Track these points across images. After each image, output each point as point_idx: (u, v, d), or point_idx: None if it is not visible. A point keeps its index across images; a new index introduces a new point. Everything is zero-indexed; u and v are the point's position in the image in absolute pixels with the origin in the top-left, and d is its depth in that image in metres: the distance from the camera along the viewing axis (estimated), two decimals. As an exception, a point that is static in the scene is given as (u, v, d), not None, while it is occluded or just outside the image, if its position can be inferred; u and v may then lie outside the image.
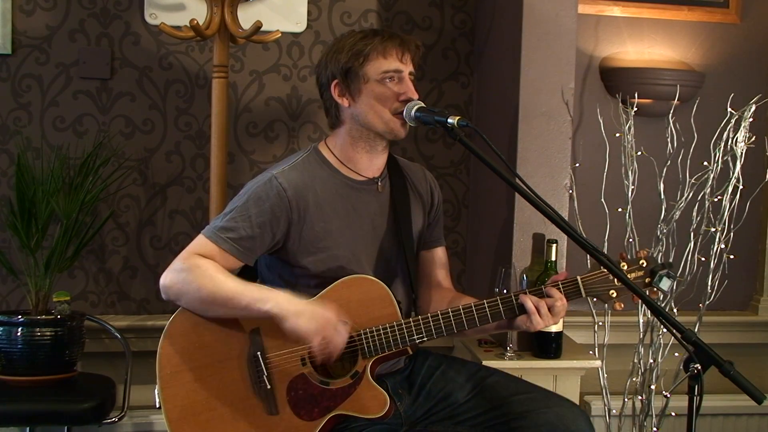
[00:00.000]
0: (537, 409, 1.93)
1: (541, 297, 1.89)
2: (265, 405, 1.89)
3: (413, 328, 1.91)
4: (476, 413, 1.99)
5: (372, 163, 2.04)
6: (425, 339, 1.91)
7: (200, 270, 1.87)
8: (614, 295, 1.89)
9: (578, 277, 1.91)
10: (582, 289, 1.90)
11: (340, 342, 1.84)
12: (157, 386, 1.91)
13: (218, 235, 1.91)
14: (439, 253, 2.21)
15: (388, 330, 1.90)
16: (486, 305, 1.91)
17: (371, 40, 1.95)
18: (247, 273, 2.10)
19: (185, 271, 1.88)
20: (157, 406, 1.91)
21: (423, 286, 2.19)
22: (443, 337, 1.93)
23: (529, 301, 1.88)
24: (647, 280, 1.87)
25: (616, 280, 1.88)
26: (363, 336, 1.90)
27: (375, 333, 1.90)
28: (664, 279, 1.85)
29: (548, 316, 1.88)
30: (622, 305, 1.89)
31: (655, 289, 1.87)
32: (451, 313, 1.91)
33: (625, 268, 1.88)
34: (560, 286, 1.90)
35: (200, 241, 1.93)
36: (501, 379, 2.04)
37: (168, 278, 1.90)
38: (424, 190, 2.16)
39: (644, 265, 1.88)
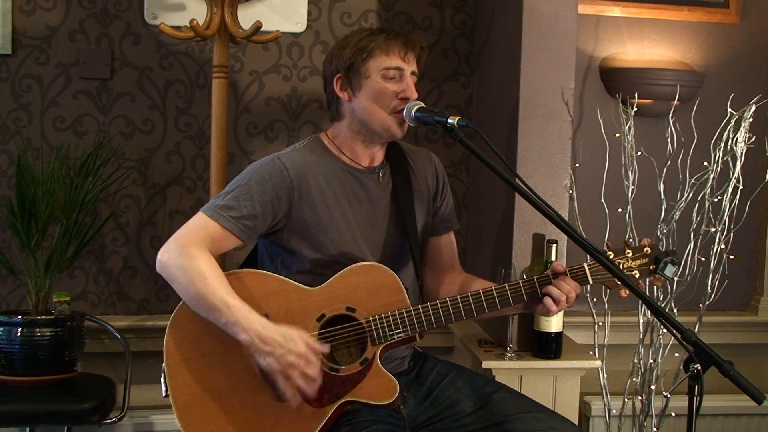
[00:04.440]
0: (540, 429, 1.93)
1: (548, 285, 1.92)
2: (273, 392, 1.89)
3: (422, 314, 1.91)
4: (479, 426, 1.99)
5: (369, 156, 2.07)
6: (434, 324, 1.92)
7: (197, 265, 1.85)
8: (619, 282, 1.90)
9: (585, 264, 1.92)
10: (589, 276, 1.92)
11: (302, 383, 1.81)
12: (163, 374, 1.91)
13: (220, 214, 1.91)
14: (450, 238, 2.23)
15: (397, 316, 1.91)
16: (494, 291, 1.92)
17: (376, 37, 1.98)
18: (247, 263, 2.11)
19: (182, 258, 1.86)
20: (164, 394, 1.91)
21: (433, 271, 2.20)
22: (451, 322, 1.94)
23: (556, 290, 1.90)
24: (651, 267, 1.88)
25: (622, 266, 1.88)
26: (372, 322, 1.90)
27: (384, 319, 1.91)
28: (669, 266, 1.85)
29: (565, 304, 1.92)
30: (627, 292, 1.89)
31: (659, 276, 1.87)
32: (459, 299, 1.92)
33: (630, 255, 1.89)
34: (568, 272, 1.91)
35: (201, 220, 1.93)
36: (507, 396, 2.04)
37: (165, 257, 1.89)
38: (429, 175, 2.17)
39: (648, 252, 1.89)
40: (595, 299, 2.89)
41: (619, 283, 1.89)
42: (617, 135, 2.87)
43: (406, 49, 1.99)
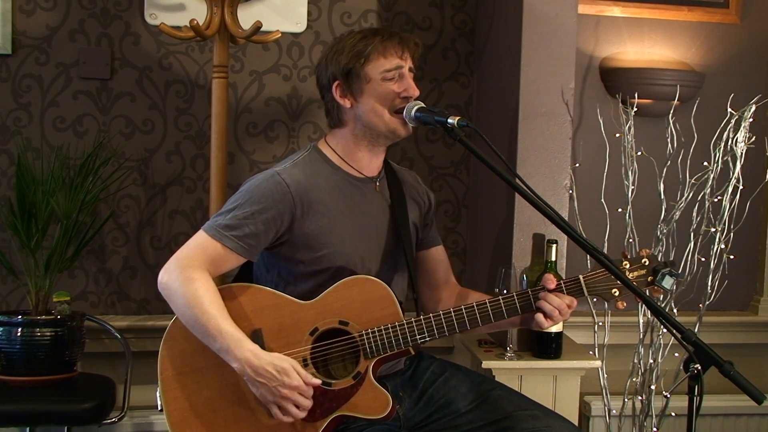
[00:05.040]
0: (536, 427, 1.93)
1: (537, 299, 1.91)
2: (266, 408, 1.89)
3: (415, 328, 1.90)
4: (476, 425, 1.99)
5: (372, 162, 2.05)
6: (427, 339, 1.91)
7: (194, 289, 1.86)
8: (616, 293, 1.89)
9: (580, 276, 1.91)
10: (584, 288, 1.90)
11: (296, 413, 1.83)
12: (158, 389, 1.91)
13: (222, 234, 1.91)
14: (440, 251, 2.23)
15: (390, 330, 1.90)
16: (488, 304, 1.91)
17: (371, 40, 1.96)
18: (242, 275, 2.10)
19: (180, 282, 1.87)
20: (159, 408, 1.92)
21: (430, 286, 2.20)
22: (445, 336, 1.93)
23: (548, 305, 1.88)
24: (650, 278, 1.87)
25: None
26: (365, 336, 1.90)
27: (377, 333, 1.90)
28: (667, 277, 1.85)
29: (560, 317, 1.90)
30: (625, 304, 1.89)
31: (657, 287, 1.87)
32: (453, 313, 1.91)
33: (628, 266, 1.88)
34: (563, 285, 1.90)
35: (203, 240, 1.93)
36: (503, 394, 2.04)
37: (165, 278, 1.91)
38: (419, 191, 2.18)
39: (646, 263, 1.87)
40: (595, 299, 2.89)
41: (615, 294, 1.89)
42: (617, 135, 2.87)
43: (403, 48, 1.98)
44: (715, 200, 2.86)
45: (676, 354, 2.89)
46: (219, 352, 1.84)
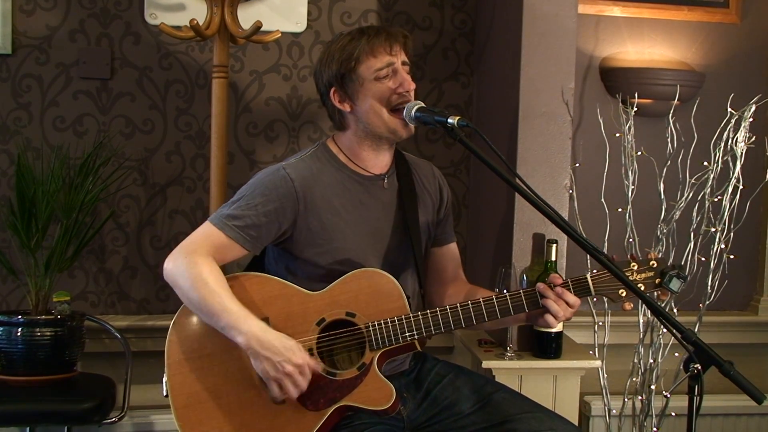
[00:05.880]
0: (540, 429, 1.93)
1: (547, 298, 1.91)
2: (270, 394, 1.89)
3: (421, 322, 1.91)
4: (479, 427, 1.99)
5: (378, 160, 2.05)
6: (433, 332, 1.92)
7: (198, 271, 1.88)
8: (623, 294, 1.89)
9: (588, 276, 1.91)
10: (591, 288, 1.90)
11: (294, 392, 1.84)
12: (165, 374, 1.92)
13: (225, 223, 1.93)
14: (452, 248, 2.23)
15: (396, 323, 1.90)
16: (495, 300, 1.91)
17: (358, 42, 1.96)
18: (252, 265, 2.11)
19: (185, 266, 1.89)
20: (165, 394, 1.92)
21: (438, 282, 2.20)
22: (450, 331, 1.94)
23: (554, 305, 1.88)
24: (657, 280, 1.87)
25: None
26: (371, 328, 1.91)
27: (383, 325, 1.90)
28: (674, 280, 1.85)
29: (563, 316, 1.91)
30: (632, 305, 1.89)
31: (664, 290, 1.87)
32: (459, 307, 1.91)
33: (635, 268, 1.88)
34: (570, 284, 1.90)
35: (207, 228, 1.95)
36: (507, 396, 2.04)
37: (170, 264, 1.92)
38: (432, 186, 2.17)
39: (654, 265, 1.88)
40: (595, 299, 2.89)
41: (622, 295, 1.89)
42: (617, 135, 2.87)
43: (391, 43, 1.96)
44: (715, 200, 2.86)
45: (676, 354, 2.89)
46: (224, 329, 1.85)
